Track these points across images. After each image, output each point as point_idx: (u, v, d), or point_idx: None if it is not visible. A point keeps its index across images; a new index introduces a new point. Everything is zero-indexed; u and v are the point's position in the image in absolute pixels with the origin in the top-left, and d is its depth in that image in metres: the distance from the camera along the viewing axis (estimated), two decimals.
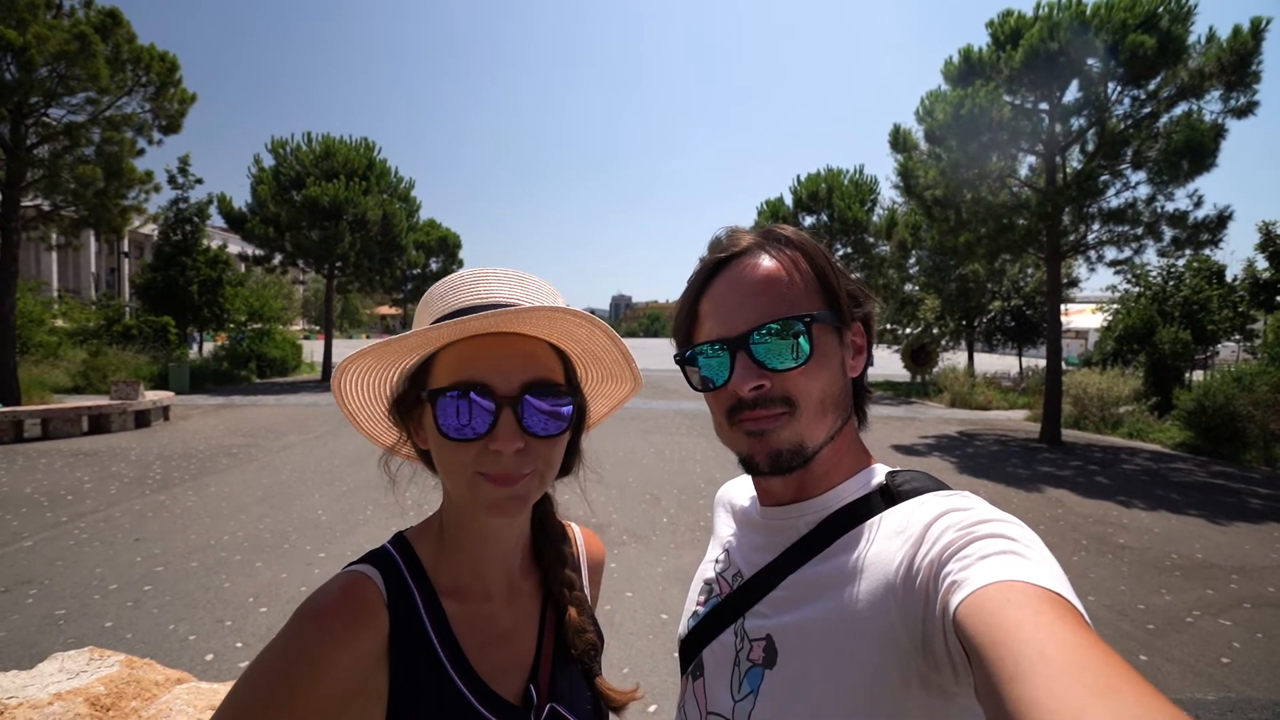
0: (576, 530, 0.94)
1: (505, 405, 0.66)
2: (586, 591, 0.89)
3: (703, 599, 0.83)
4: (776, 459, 0.70)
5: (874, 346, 0.78)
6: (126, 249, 37.00)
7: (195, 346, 25.43)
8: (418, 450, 0.77)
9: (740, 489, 0.91)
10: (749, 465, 0.73)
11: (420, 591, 0.69)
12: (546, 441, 0.69)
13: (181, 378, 17.99)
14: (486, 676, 0.69)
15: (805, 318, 0.69)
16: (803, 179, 24.85)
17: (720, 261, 0.74)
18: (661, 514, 6.74)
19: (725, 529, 0.89)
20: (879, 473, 0.74)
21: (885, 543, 0.64)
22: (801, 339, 0.69)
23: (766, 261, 0.72)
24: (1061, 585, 0.49)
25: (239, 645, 3.79)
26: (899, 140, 13.13)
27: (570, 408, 0.72)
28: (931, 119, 11.84)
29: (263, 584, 4.68)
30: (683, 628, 0.84)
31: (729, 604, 0.76)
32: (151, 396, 12.48)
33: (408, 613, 0.66)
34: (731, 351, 0.70)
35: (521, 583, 0.79)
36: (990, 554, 0.53)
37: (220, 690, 1.64)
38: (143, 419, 11.96)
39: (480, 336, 0.68)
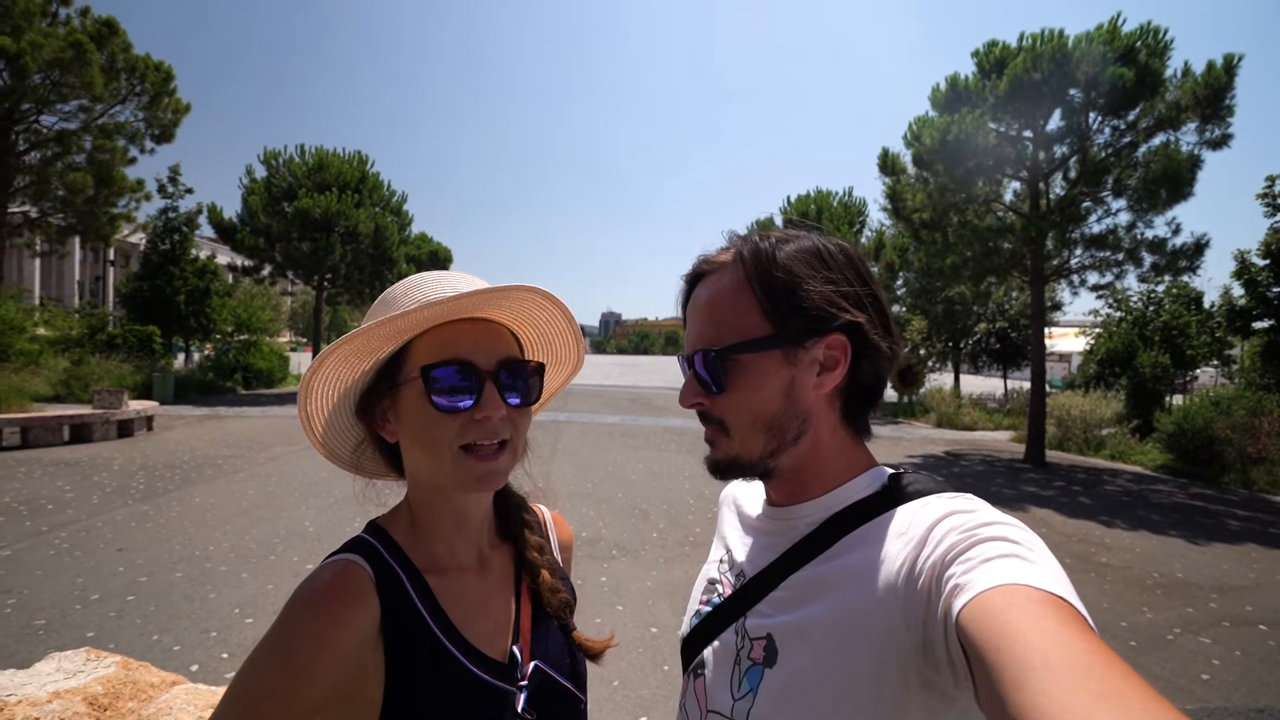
0: (546, 512, 0.99)
1: (488, 378, 0.74)
2: (556, 555, 0.95)
3: (705, 598, 0.83)
4: (715, 467, 0.76)
5: (870, 354, 0.72)
6: (112, 257, 36.67)
7: (183, 356, 25.13)
8: (381, 450, 0.83)
9: (746, 489, 0.91)
10: (706, 467, 0.79)
11: (404, 570, 0.73)
12: (520, 411, 0.77)
13: (166, 388, 17.75)
14: (474, 641, 0.75)
15: (713, 352, 0.71)
16: (793, 200, 25.23)
17: (696, 277, 0.79)
18: (651, 529, 6.74)
19: (729, 529, 0.89)
20: (883, 474, 0.75)
21: (888, 544, 0.64)
22: (715, 371, 0.72)
23: (718, 284, 0.74)
24: (1065, 589, 0.49)
25: (224, 656, 3.74)
26: (887, 164, 13.39)
27: (537, 381, 0.81)
28: (919, 144, 12.10)
29: (249, 595, 4.63)
30: (685, 626, 0.84)
31: (731, 603, 0.77)
32: (135, 406, 12.30)
33: (396, 591, 0.71)
34: (687, 368, 0.76)
35: (491, 555, 0.85)
36: (994, 557, 0.53)
37: (219, 692, 1.65)
38: (126, 429, 11.79)
39: (455, 322, 0.75)
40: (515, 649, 0.78)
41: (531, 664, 0.78)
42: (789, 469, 0.74)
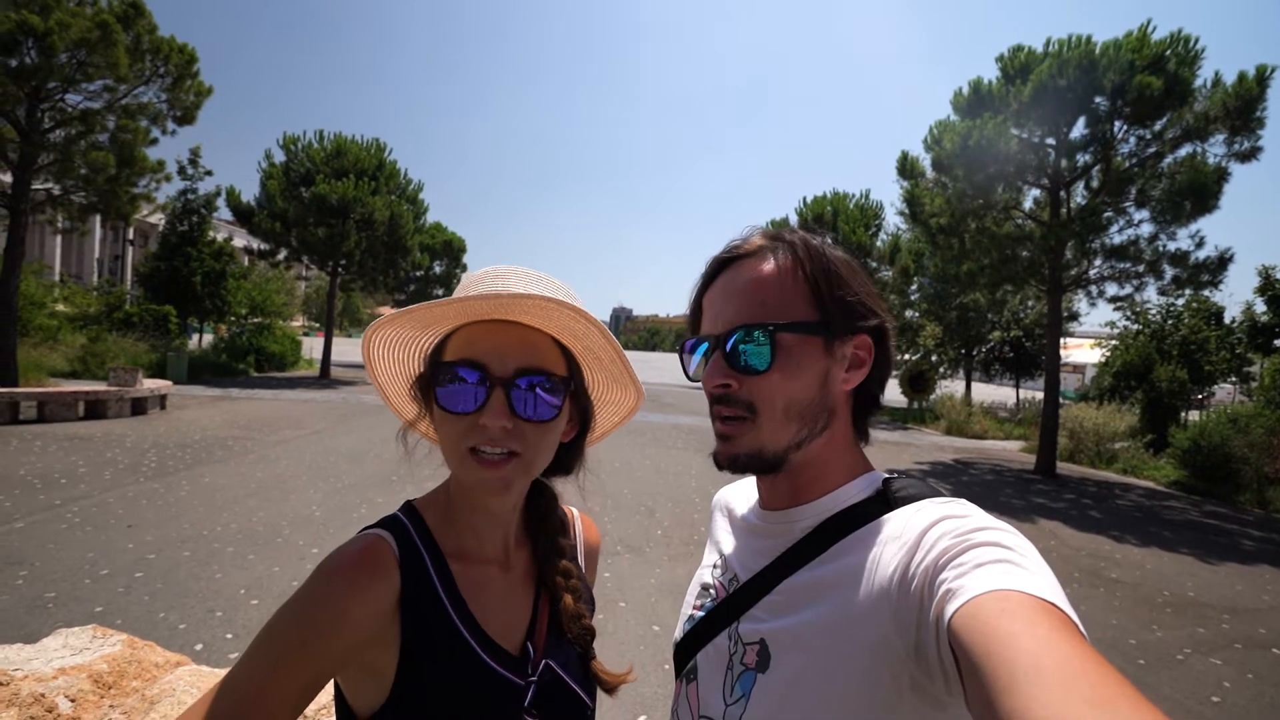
0: (576, 514, 0.99)
1: (498, 385, 0.71)
2: (584, 575, 0.94)
3: (699, 603, 0.83)
4: (734, 461, 0.73)
5: (887, 361, 0.76)
6: (132, 237, 37.04)
7: (197, 337, 25.39)
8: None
9: (738, 493, 0.91)
10: (716, 461, 0.76)
11: (429, 553, 0.74)
12: (535, 426, 0.73)
13: (180, 368, 17.96)
14: (489, 632, 0.75)
15: (769, 326, 0.69)
16: (809, 201, 25.05)
17: (724, 261, 0.77)
18: (656, 526, 6.73)
19: (722, 533, 0.89)
20: (876, 478, 0.75)
21: (881, 549, 0.64)
22: (765, 346, 0.69)
23: (762, 266, 0.73)
24: (1057, 595, 0.49)
25: (229, 636, 3.77)
26: (906, 167, 13.26)
27: (560, 398, 0.75)
28: (939, 148, 11.97)
29: (255, 576, 4.66)
30: (678, 631, 0.84)
31: (724, 608, 0.77)
32: (149, 385, 12.45)
33: (418, 571, 0.72)
34: (711, 349, 0.73)
35: (517, 551, 0.85)
36: (986, 562, 0.53)
37: (223, 674, 1.65)
38: (139, 406, 11.93)
39: (487, 323, 0.74)
40: (529, 645, 0.78)
41: (543, 662, 0.78)
42: (798, 465, 0.73)
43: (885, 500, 0.70)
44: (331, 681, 0.71)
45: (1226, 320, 17.95)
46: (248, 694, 0.61)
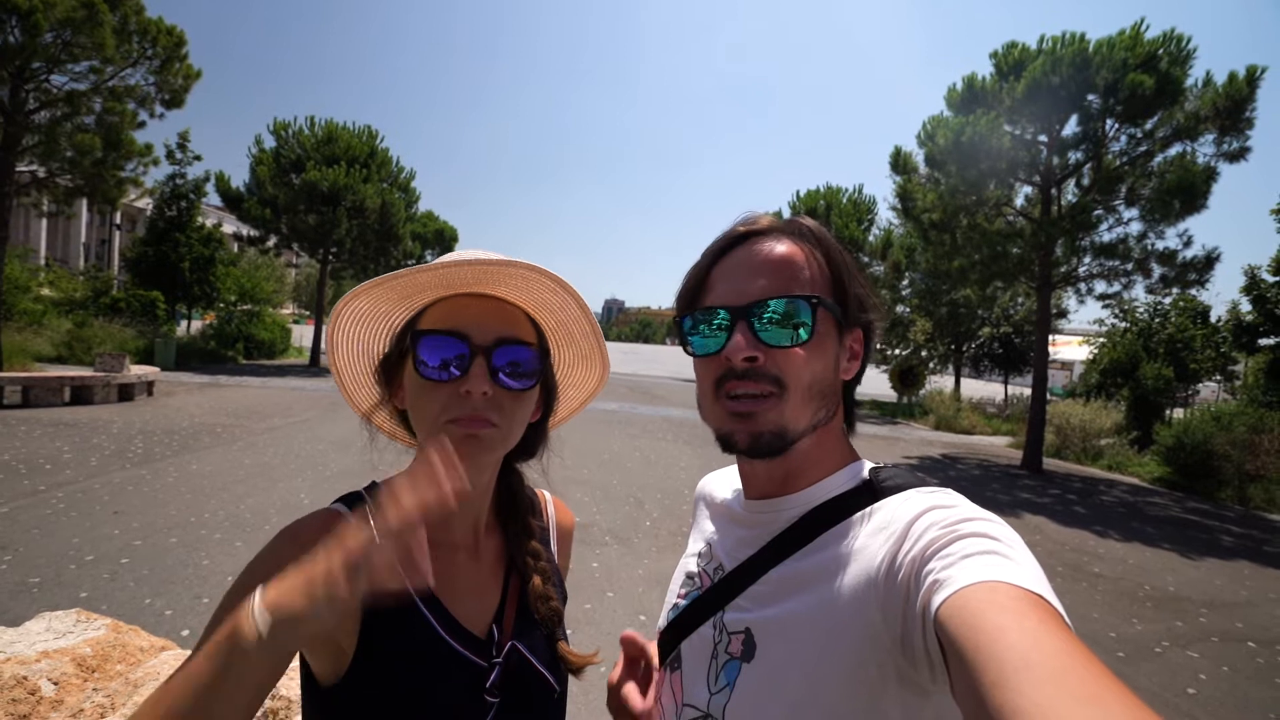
0: (548, 497, 1.00)
1: (479, 353, 0.73)
2: (555, 558, 0.95)
3: (683, 591, 0.83)
4: (756, 440, 0.69)
5: (870, 358, 0.78)
6: (119, 221, 36.53)
7: (185, 324, 25.16)
8: (396, 413, 0.84)
9: (722, 482, 0.90)
10: (727, 443, 0.72)
11: None
12: (512, 395, 0.75)
13: (167, 354, 17.79)
14: (455, 614, 0.75)
15: (813, 299, 0.69)
16: (802, 194, 25.07)
17: (741, 236, 0.75)
18: (644, 517, 6.76)
19: (707, 522, 0.88)
20: (862, 468, 0.74)
21: (868, 539, 0.64)
22: (805, 320, 0.69)
23: (787, 244, 0.72)
24: (1043, 587, 0.49)
25: None
26: (899, 162, 13.28)
27: (537, 369, 0.77)
28: (932, 143, 12.00)
29: (242, 563, 4.61)
30: (662, 620, 0.84)
31: (709, 597, 0.76)
32: (136, 371, 12.34)
33: None
34: (733, 320, 0.70)
35: (486, 539, 0.85)
36: (973, 553, 0.53)
37: None
38: (126, 393, 11.82)
39: (463, 296, 0.75)
40: (495, 628, 0.78)
41: (509, 644, 0.78)
42: (797, 451, 0.71)
43: (872, 490, 0.70)
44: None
45: (1212, 319, 18.17)
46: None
